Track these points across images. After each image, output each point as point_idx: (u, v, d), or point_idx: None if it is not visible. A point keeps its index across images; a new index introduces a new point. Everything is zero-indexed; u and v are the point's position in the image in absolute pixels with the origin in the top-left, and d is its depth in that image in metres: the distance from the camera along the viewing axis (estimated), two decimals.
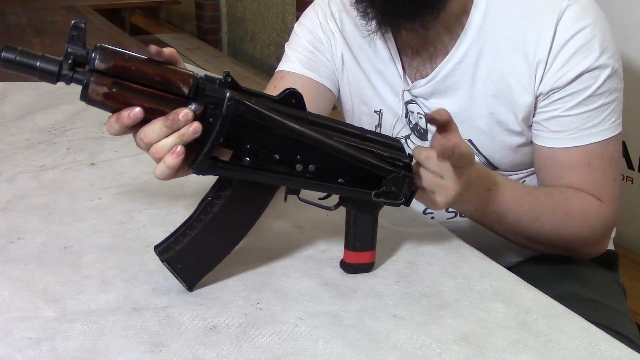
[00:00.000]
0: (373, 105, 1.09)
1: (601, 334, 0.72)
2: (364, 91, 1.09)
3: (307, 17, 1.14)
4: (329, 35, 1.10)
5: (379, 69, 1.06)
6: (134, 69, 0.68)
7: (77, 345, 0.67)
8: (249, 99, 0.72)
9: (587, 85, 0.92)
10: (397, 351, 0.68)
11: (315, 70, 1.09)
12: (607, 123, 0.94)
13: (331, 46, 1.10)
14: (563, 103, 0.93)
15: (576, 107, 0.93)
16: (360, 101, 1.10)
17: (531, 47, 0.93)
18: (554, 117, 0.95)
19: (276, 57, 4.64)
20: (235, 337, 0.69)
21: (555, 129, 0.95)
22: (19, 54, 0.67)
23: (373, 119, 1.10)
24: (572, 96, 0.93)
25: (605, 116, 0.94)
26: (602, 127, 0.94)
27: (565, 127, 0.94)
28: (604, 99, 0.93)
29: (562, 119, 0.94)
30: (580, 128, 0.94)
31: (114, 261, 0.85)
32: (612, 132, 0.95)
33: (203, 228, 0.76)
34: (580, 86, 0.92)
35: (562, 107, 0.94)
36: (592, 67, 0.91)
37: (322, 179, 0.78)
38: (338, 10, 1.10)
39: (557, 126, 0.95)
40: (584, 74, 0.92)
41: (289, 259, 0.86)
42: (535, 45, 0.93)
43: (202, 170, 0.72)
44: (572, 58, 0.92)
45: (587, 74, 0.92)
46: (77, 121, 1.44)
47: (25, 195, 1.05)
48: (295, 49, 1.11)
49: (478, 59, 0.97)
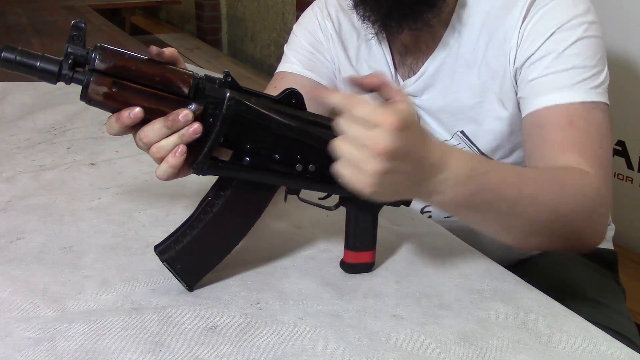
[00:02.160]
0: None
1: (601, 334, 0.72)
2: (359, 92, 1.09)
3: (306, 18, 1.14)
4: (328, 36, 1.10)
5: (374, 69, 1.07)
6: (134, 68, 0.68)
7: (77, 345, 0.67)
8: (249, 98, 0.72)
9: (558, 45, 0.91)
10: (397, 351, 0.68)
11: (315, 71, 1.09)
12: (587, 86, 0.91)
13: (330, 47, 1.10)
14: (536, 66, 0.93)
15: (549, 67, 0.92)
16: None
17: (508, 28, 0.95)
18: (532, 80, 0.93)
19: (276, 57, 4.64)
20: (235, 337, 0.69)
21: (532, 92, 0.93)
22: (19, 54, 0.67)
23: None
24: (544, 58, 0.92)
25: (584, 79, 0.91)
26: (581, 88, 0.90)
27: (542, 87, 0.92)
28: (578, 61, 0.91)
29: (537, 82, 0.93)
30: (557, 86, 0.91)
31: (114, 261, 0.85)
32: (593, 97, 0.90)
33: (203, 228, 0.76)
34: (551, 47, 0.92)
35: (536, 70, 0.93)
36: (561, 29, 0.91)
37: (323, 179, 0.78)
38: (335, 11, 1.10)
39: (534, 89, 0.93)
40: (555, 34, 0.91)
41: (289, 259, 0.86)
42: (510, 25, 0.94)
43: (202, 170, 0.72)
44: (540, 21, 0.92)
45: (557, 34, 0.91)
46: (77, 121, 1.44)
47: (25, 195, 1.05)
48: (294, 49, 1.12)
49: (461, 50, 0.99)
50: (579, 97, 0.90)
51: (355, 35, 1.08)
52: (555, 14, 0.92)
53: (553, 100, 0.90)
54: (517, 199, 0.78)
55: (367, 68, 1.07)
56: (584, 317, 0.76)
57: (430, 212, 1.10)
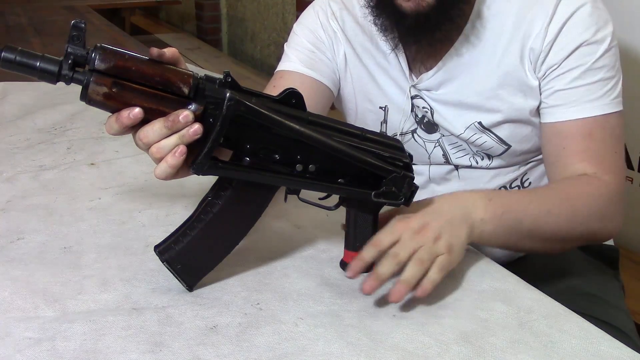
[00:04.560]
0: (378, 102, 1.10)
1: (601, 334, 0.72)
2: (367, 88, 1.10)
3: (306, 17, 1.14)
4: (331, 35, 1.10)
5: (381, 64, 1.07)
6: (134, 69, 0.68)
7: (77, 345, 0.67)
8: (249, 99, 0.72)
9: (584, 59, 0.94)
10: (397, 351, 0.68)
11: (315, 69, 1.09)
12: (608, 98, 0.95)
13: (332, 45, 1.10)
14: (562, 78, 0.96)
15: (575, 80, 0.95)
16: (364, 98, 1.11)
17: (533, 28, 0.96)
18: (555, 91, 0.96)
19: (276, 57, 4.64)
20: (235, 337, 0.69)
21: (556, 103, 0.97)
22: (19, 54, 0.67)
23: (378, 115, 1.10)
24: (571, 71, 0.95)
25: (606, 91, 0.95)
26: (603, 101, 0.95)
27: (566, 100, 0.96)
28: (602, 74, 0.95)
29: (562, 93, 0.96)
30: (581, 101, 0.95)
31: (114, 261, 0.85)
32: (613, 108, 0.96)
33: (203, 228, 0.76)
34: (578, 61, 0.95)
35: (562, 82, 0.96)
36: (588, 42, 0.94)
37: (322, 179, 0.78)
38: (339, 9, 1.10)
39: (558, 100, 0.96)
40: (580, 47, 0.94)
41: (289, 259, 0.86)
42: (535, 27, 0.96)
43: (202, 170, 0.72)
44: (568, 33, 0.94)
45: (583, 48, 0.94)
46: (77, 121, 1.44)
47: (25, 195, 1.05)
48: (295, 48, 1.11)
49: (480, 43, 0.99)
50: (600, 110, 0.95)
51: (360, 31, 1.08)
52: (581, 27, 0.94)
53: (575, 114, 0.95)
54: (535, 217, 0.88)
55: (375, 64, 1.07)
56: (581, 310, 0.77)
57: None
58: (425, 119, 1.07)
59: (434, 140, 1.08)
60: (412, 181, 0.80)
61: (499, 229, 0.85)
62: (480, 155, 1.06)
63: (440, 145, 1.08)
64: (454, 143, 1.07)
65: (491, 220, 0.84)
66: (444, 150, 1.08)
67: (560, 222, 0.89)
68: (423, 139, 1.09)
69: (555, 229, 0.90)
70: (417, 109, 1.07)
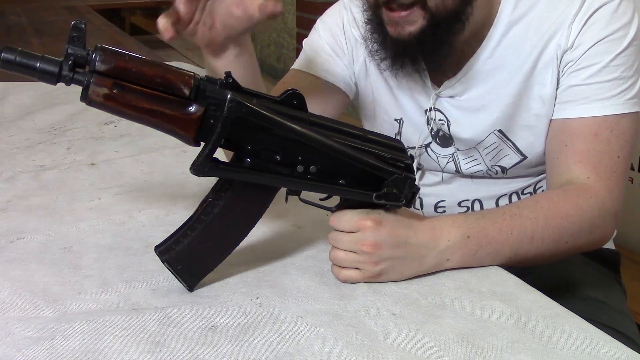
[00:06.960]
0: (393, 114, 1.09)
1: (601, 334, 0.72)
2: (384, 99, 1.09)
3: (331, 17, 1.13)
4: (352, 42, 1.09)
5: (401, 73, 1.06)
6: (135, 70, 0.68)
7: (77, 345, 0.67)
8: (250, 100, 0.72)
9: (602, 57, 0.92)
10: (396, 350, 0.68)
11: (330, 73, 1.08)
12: (623, 98, 0.92)
13: (352, 53, 1.09)
14: (578, 74, 0.93)
15: (590, 77, 0.92)
16: (382, 109, 1.10)
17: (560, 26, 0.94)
18: (569, 87, 0.94)
19: (276, 57, 4.64)
20: (235, 337, 0.70)
21: (568, 99, 0.94)
22: (18, 55, 0.67)
23: (393, 127, 1.10)
24: (587, 68, 0.92)
25: (621, 91, 0.92)
26: (616, 101, 0.92)
27: (578, 96, 0.93)
28: (619, 72, 0.92)
29: (575, 89, 0.94)
30: (592, 98, 0.92)
31: (114, 261, 0.85)
32: (627, 109, 0.92)
33: (204, 229, 0.76)
34: (596, 58, 0.92)
35: (577, 78, 0.93)
36: (607, 39, 0.91)
37: (323, 180, 0.78)
38: (360, 17, 1.09)
39: (570, 96, 0.94)
40: (599, 43, 0.92)
41: (289, 258, 0.87)
42: (562, 25, 0.94)
43: (203, 172, 0.72)
44: (590, 29, 0.92)
45: (601, 44, 0.92)
46: (77, 121, 1.44)
47: (25, 195, 1.05)
48: (313, 49, 1.11)
49: (506, 49, 0.97)
50: (612, 110, 0.92)
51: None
52: (603, 23, 0.92)
53: (586, 112, 0.93)
54: (520, 242, 0.84)
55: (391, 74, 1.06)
56: (585, 315, 0.76)
57: (444, 207, 1.10)
58: (440, 132, 1.06)
59: (448, 155, 1.07)
60: (414, 182, 0.80)
61: (470, 262, 0.83)
62: (494, 170, 1.05)
63: (454, 160, 1.07)
64: (470, 157, 1.06)
65: (461, 258, 0.82)
66: (457, 166, 1.07)
67: (545, 245, 0.86)
68: (437, 154, 1.08)
69: (539, 252, 0.87)
70: (433, 122, 1.05)
